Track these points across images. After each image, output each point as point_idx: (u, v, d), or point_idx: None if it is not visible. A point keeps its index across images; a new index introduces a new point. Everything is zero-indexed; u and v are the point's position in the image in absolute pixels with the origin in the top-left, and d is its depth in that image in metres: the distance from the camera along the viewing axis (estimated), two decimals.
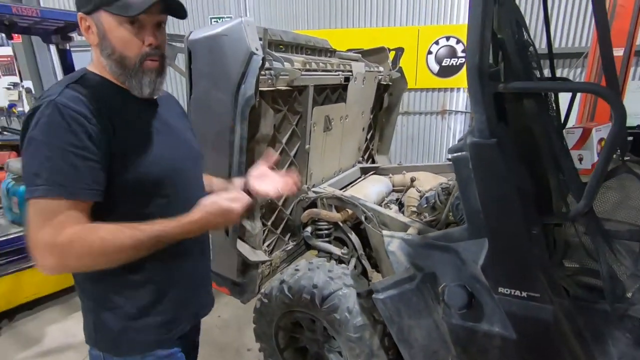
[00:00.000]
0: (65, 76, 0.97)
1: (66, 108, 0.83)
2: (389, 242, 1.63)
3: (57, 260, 0.82)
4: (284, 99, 1.92)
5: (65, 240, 0.81)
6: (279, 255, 2.16)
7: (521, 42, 1.26)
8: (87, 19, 0.90)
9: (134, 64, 0.92)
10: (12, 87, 5.52)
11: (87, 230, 0.84)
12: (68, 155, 0.82)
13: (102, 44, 0.91)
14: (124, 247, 0.85)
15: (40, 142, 0.82)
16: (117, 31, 0.89)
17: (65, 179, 0.82)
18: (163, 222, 0.90)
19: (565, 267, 1.30)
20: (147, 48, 0.92)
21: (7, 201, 3.06)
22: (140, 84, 0.95)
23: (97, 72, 0.96)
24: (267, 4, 5.86)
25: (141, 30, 0.91)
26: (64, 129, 0.82)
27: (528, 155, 1.22)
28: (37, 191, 0.81)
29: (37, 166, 0.81)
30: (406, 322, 1.54)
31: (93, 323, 1.01)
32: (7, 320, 2.92)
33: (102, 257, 0.85)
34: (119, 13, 0.86)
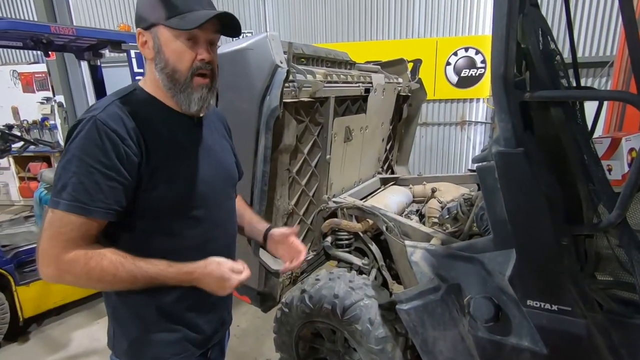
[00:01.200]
0: (119, 90, 0.99)
1: (104, 125, 0.87)
2: (412, 253, 1.62)
3: (56, 273, 0.88)
4: (306, 110, 1.96)
5: (69, 259, 0.86)
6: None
7: (547, 51, 1.25)
8: (145, 34, 0.95)
9: (185, 78, 0.94)
10: (45, 101, 5.81)
11: (91, 256, 0.87)
12: (94, 173, 0.85)
13: (157, 57, 0.94)
14: (120, 280, 0.90)
15: (73, 156, 0.86)
16: (172, 44, 0.92)
17: (87, 197, 0.85)
18: (162, 265, 0.93)
19: (598, 280, 1.25)
20: (199, 62, 0.94)
21: (39, 209, 3.20)
22: (189, 99, 0.96)
23: (146, 88, 0.99)
24: (287, 18, 6.01)
25: (195, 45, 0.94)
26: (97, 146, 0.86)
27: (556, 164, 1.20)
28: (59, 204, 0.85)
29: (65, 179, 0.86)
30: (431, 333, 1.51)
31: (113, 330, 1.05)
32: (36, 325, 3.01)
33: (98, 283, 0.90)
34: (176, 27, 0.90)
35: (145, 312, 1.01)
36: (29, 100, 5.81)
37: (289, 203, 2.00)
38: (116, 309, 1.03)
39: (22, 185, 5.92)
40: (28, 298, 2.78)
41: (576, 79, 1.67)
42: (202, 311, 1.07)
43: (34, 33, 2.69)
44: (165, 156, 0.95)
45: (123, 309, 1.02)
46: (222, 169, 1.11)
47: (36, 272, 2.89)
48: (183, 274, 0.95)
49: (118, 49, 3.06)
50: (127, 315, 1.02)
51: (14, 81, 5.79)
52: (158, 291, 0.97)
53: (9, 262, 2.70)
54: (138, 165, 0.90)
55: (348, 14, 5.80)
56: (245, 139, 1.70)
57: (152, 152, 0.92)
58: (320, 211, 2.21)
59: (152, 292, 0.97)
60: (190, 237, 1.01)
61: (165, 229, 0.97)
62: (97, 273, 0.87)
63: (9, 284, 2.69)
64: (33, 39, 2.79)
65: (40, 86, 5.82)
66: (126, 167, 0.88)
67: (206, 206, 1.03)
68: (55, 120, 5.88)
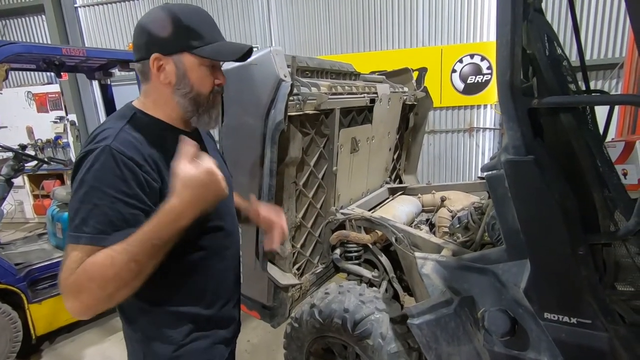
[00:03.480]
0: (115, 114, 0.99)
1: (120, 154, 0.85)
2: (423, 265, 1.58)
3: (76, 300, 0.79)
4: (311, 123, 1.96)
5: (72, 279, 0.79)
6: (308, 278, 2.14)
7: (554, 56, 1.23)
8: (164, 59, 0.94)
9: (207, 100, 1.00)
10: (59, 120, 5.95)
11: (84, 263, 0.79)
12: (116, 203, 0.83)
13: (180, 83, 0.96)
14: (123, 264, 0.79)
15: (91, 187, 0.83)
16: (197, 71, 0.96)
17: (111, 228, 0.82)
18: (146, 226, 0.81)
19: (618, 290, 1.20)
20: (217, 87, 1.01)
21: (51, 227, 3.25)
22: (209, 118, 1.02)
23: (146, 110, 0.99)
24: (292, 32, 6.09)
25: (214, 70, 0.99)
26: (116, 175, 0.84)
27: (568, 171, 1.17)
28: (82, 239, 0.81)
29: (86, 212, 0.82)
30: (444, 349, 1.46)
31: (143, 352, 1.03)
32: (48, 342, 3.02)
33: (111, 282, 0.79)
34: (210, 57, 0.95)
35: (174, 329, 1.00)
36: (42, 120, 5.96)
37: (296, 216, 1.99)
38: (146, 332, 1.01)
39: (37, 203, 6.03)
40: (40, 316, 2.80)
41: (585, 83, 1.64)
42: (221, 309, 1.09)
43: (47, 55, 2.78)
44: None
45: (151, 330, 1.00)
46: (225, 177, 1.13)
47: (49, 290, 2.92)
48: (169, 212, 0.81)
49: (127, 68, 3.14)
50: (156, 336, 1.00)
51: (29, 102, 5.95)
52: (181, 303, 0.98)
53: (22, 280, 2.73)
54: (159, 190, 0.90)
55: (352, 26, 5.85)
56: (251, 153, 1.70)
57: (170, 176, 0.91)
58: (328, 223, 2.19)
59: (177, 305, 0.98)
60: (212, 247, 1.03)
61: (190, 245, 0.97)
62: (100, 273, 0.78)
63: (22, 301, 2.71)
64: (46, 61, 2.88)
65: (54, 106, 5.98)
66: (147, 194, 0.87)
67: (221, 216, 1.06)
68: (68, 139, 6.00)
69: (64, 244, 3.20)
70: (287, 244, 1.92)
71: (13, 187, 3.08)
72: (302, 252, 2.11)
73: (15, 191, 5.94)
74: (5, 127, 6.01)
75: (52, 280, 2.98)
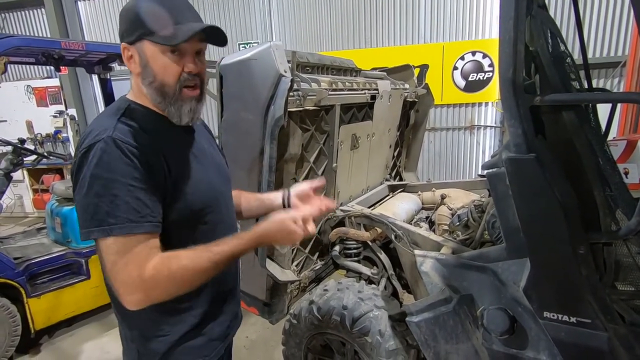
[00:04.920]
0: (110, 107, 0.98)
1: (124, 143, 0.85)
2: (422, 262, 1.58)
3: (145, 294, 0.85)
4: (311, 119, 1.95)
5: (151, 274, 0.83)
6: (307, 275, 2.14)
7: (557, 53, 1.22)
8: (130, 49, 0.93)
9: (174, 92, 0.94)
10: (58, 115, 5.94)
11: (168, 260, 0.86)
12: (134, 190, 0.84)
13: (144, 72, 0.93)
14: (204, 271, 0.89)
15: (107, 180, 0.83)
16: (159, 59, 0.91)
17: (136, 215, 0.84)
18: (233, 241, 0.94)
19: (619, 290, 1.20)
20: (186, 74, 0.94)
21: (50, 221, 3.24)
22: (179, 111, 0.96)
23: (138, 101, 0.98)
24: (292, 27, 6.05)
25: (182, 57, 0.93)
26: (126, 163, 0.84)
27: (570, 169, 1.16)
28: (113, 230, 0.82)
29: (107, 205, 0.82)
30: (443, 347, 1.46)
31: (137, 350, 1.03)
32: (47, 337, 3.03)
33: (186, 284, 0.89)
34: (162, 42, 0.90)
35: (171, 326, 1.00)
36: (42, 114, 5.94)
37: None
38: (142, 330, 1.01)
39: (36, 198, 6.03)
40: (39, 310, 2.80)
41: (588, 81, 1.63)
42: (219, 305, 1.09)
43: (45, 49, 2.75)
44: (181, 166, 0.95)
45: (148, 327, 1.00)
46: (223, 172, 1.14)
47: (47, 284, 2.92)
48: (255, 239, 0.97)
49: None
50: (152, 333, 1.00)
51: (28, 96, 5.93)
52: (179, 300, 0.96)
53: (21, 275, 2.73)
54: (164, 178, 0.90)
55: (353, 22, 5.81)
56: (250, 149, 1.69)
57: (170, 164, 0.92)
58: (328, 220, 2.18)
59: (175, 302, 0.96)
60: (209, 241, 1.01)
61: (188, 238, 0.97)
62: (181, 274, 0.86)
63: (21, 296, 2.71)
64: (45, 54, 2.85)
65: (54, 100, 5.96)
66: (156, 179, 0.88)
67: (219, 209, 1.05)
68: (68, 133, 5.99)
69: (64, 238, 3.21)
70: None
71: (12, 181, 3.07)
72: (301, 249, 2.11)
73: (14, 185, 5.93)
74: (5, 121, 5.99)
75: (51, 275, 2.99)
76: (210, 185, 1.03)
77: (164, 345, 1.00)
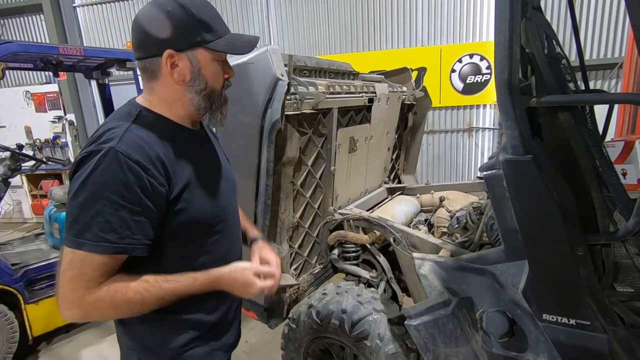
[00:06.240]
0: (119, 112, 0.95)
1: (125, 157, 0.82)
2: (420, 265, 1.57)
3: (81, 314, 0.85)
4: (309, 122, 1.95)
5: (94, 300, 0.83)
6: (306, 278, 2.13)
7: (552, 55, 1.22)
8: (178, 56, 0.89)
9: (219, 97, 0.98)
10: (57, 120, 5.94)
11: (115, 291, 0.84)
12: (120, 210, 0.81)
13: (195, 80, 0.92)
14: (148, 306, 0.88)
15: (93, 192, 0.80)
16: (210, 67, 0.93)
17: (114, 236, 0.81)
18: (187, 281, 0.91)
19: (618, 291, 1.19)
20: (226, 81, 0.99)
21: (49, 227, 3.23)
22: (221, 114, 1.00)
23: (151, 107, 0.95)
24: (291, 32, 6.08)
25: (223, 65, 0.97)
26: (120, 181, 0.81)
27: (567, 170, 1.16)
28: (84, 245, 0.80)
29: (88, 218, 0.80)
30: (442, 350, 1.45)
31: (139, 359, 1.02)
32: (45, 343, 3.01)
33: (126, 314, 0.90)
34: (226, 51, 0.93)
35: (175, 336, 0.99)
36: (41, 120, 5.94)
37: (293, 216, 1.98)
38: (143, 341, 0.99)
39: (35, 203, 6.02)
40: (37, 316, 2.78)
41: (585, 82, 1.63)
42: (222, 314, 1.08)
43: (44, 54, 2.76)
44: (190, 176, 0.93)
45: (151, 338, 0.99)
46: (230, 180, 1.13)
47: (45, 290, 2.90)
48: (209, 284, 0.94)
49: (124, 67, 3.12)
50: (155, 343, 0.99)
51: (27, 101, 5.94)
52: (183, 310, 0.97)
53: (19, 281, 2.71)
54: (165, 195, 0.88)
55: (351, 26, 5.84)
56: (248, 153, 1.69)
57: (177, 176, 0.90)
58: (326, 223, 2.18)
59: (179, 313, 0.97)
60: (216, 251, 1.01)
61: (195, 248, 0.96)
62: (125, 306, 0.86)
63: (19, 302, 2.70)
64: (43, 60, 2.86)
65: (52, 105, 5.96)
66: (152, 199, 0.85)
67: (226, 219, 1.04)
68: (67, 138, 5.99)
69: (61, 244, 3.21)
70: (285, 244, 1.91)
71: (11, 187, 3.07)
72: (299, 253, 2.10)
73: (13, 191, 5.92)
74: (4, 126, 5.99)
75: (49, 281, 2.97)
76: (221, 194, 1.02)
77: (167, 356, 0.99)
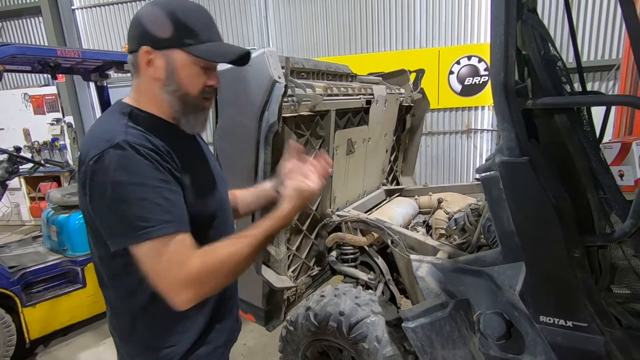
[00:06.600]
0: (111, 112, 0.95)
1: (140, 146, 0.83)
2: (418, 267, 1.57)
3: (196, 291, 0.83)
4: (306, 124, 1.95)
5: (198, 269, 0.83)
6: (304, 281, 2.13)
7: (548, 57, 1.22)
8: (154, 53, 0.89)
9: (195, 102, 0.95)
10: (55, 122, 5.93)
11: (212, 253, 0.86)
12: (162, 190, 0.83)
13: (168, 80, 0.91)
14: (247, 256, 0.90)
15: (130, 185, 0.80)
16: (187, 70, 0.91)
17: (168, 216, 0.82)
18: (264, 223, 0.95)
19: (615, 293, 1.19)
20: (208, 88, 0.96)
21: (46, 229, 3.22)
22: (195, 121, 0.97)
23: (140, 106, 0.95)
24: (289, 34, 6.09)
25: (207, 71, 0.94)
26: (148, 166, 0.82)
27: (563, 172, 1.16)
28: (148, 234, 0.80)
29: (137, 209, 0.80)
30: (439, 352, 1.45)
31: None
32: (43, 346, 2.99)
33: (232, 272, 0.90)
34: (202, 57, 0.90)
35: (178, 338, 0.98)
36: (39, 122, 5.93)
37: None
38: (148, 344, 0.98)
39: (33, 206, 6.00)
40: (34, 319, 2.77)
41: (582, 84, 1.64)
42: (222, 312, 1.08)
43: (42, 57, 2.76)
44: (190, 172, 0.94)
45: (153, 341, 0.98)
46: (222, 178, 1.14)
47: (43, 293, 2.90)
48: (283, 216, 0.98)
49: (122, 69, 3.12)
50: (158, 346, 0.97)
51: (26, 104, 5.93)
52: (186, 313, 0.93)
53: (16, 284, 2.70)
54: (179, 179, 0.90)
55: (349, 28, 5.85)
56: (245, 155, 1.69)
57: (182, 169, 0.91)
58: (324, 225, 2.18)
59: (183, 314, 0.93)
60: None
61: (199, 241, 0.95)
62: (227, 263, 0.86)
63: (16, 305, 2.69)
64: (41, 62, 2.86)
65: (51, 108, 5.95)
66: (175, 179, 0.88)
67: (223, 215, 1.05)
68: (65, 141, 5.98)
69: (60, 246, 3.19)
70: (282, 247, 1.90)
71: (9, 189, 3.06)
72: (297, 255, 2.10)
73: (11, 193, 5.91)
74: (2, 129, 5.99)
75: (46, 284, 2.96)
76: (217, 190, 1.04)
77: (172, 357, 0.98)
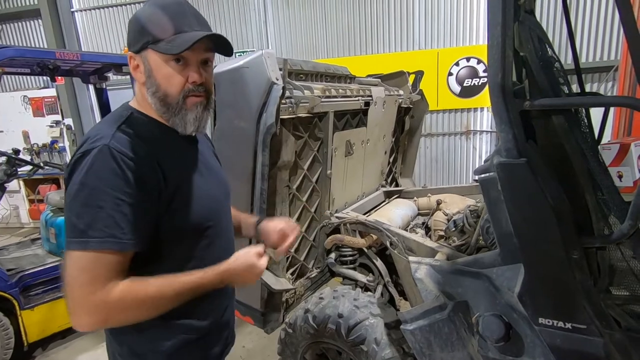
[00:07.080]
0: (112, 114, 0.96)
1: (119, 153, 0.82)
2: (416, 269, 1.56)
3: (103, 318, 0.82)
4: (304, 126, 1.95)
5: (117, 300, 0.80)
6: (302, 283, 2.12)
7: (545, 58, 1.22)
8: (136, 58, 0.92)
9: (177, 102, 0.92)
10: (55, 124, 5.93)
11: (135, 287, 0.83)
12: (121, 204, 0.81)
13: (148, 81, 0.91)
14: (168, 301, 0.87)
15: (94, 190, 0.80)
16: (162, 69, 0.89)
17: (119, 231, 0.80)
18: (199, 274, 0.91)
19: (614, 295, 1.18)
20: (191, 85, 0.91)
21: (45, 232, 3.21)
22: (183, 121, 0.94)
23: (142, 109, 0.96)
24: (288, 36, 6.10)
25: (186, 67, 0.90)
26: (117, 175, 0.81)
27: (561, 173, 1.15)
28: (89, 244, 0.79)
29: (91, 215, 0.79)
30: (438, 354, 1.44)
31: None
32: (41, 349, 2.98)
33: (148, 312, 0.87)
34: (164, 51, 0.87)
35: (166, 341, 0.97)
36: (39, 124, 5.94)
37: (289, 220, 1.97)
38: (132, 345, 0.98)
39: (32, 208, 6.00)
40: (33, 322, 2.76)
41: (580, 85, 1.63)
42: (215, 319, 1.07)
43: (40, 59, 2.76)
44: (180, 177, 0.93)
45: (141, 343, 0.97)
46: (223, 184, 1.12)
47: (41, 296, 2.89)
48: (218, 276, 0.94)
49: (121, 71, 3.12)
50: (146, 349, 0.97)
51: (25, 106, 5.94)
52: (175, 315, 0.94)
53: (14, 286, 2.69)
54: (159, 191, 0.87)
55: (348, 29, 5.86)
56: (243, 157, 1.69)
57: (168, 175, 0.89)
58: (323, 227, 2.17)
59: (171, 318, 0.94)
60: (208, 255, 0.99)
61: (187, 251, 0.95)
62: (147, 304, 0.84)
63: (14, 308, 2.68)
64: (40, 65, 2.86)
65: (50, 110, 5.96)
66: (149, 193, 0.85)
67: (218, 223, 1.03)
68: (64, 143, 5.98)
69: (58, 249, 3.18)
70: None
71: (8, 192, 3.06)
72: (296, 257, 2.09)
73: (10, 196, 5.90)
74: (2, 131, 5.99)
75: (45, 286, 2.95)
76: (212, 198, 1.01)
77: None
